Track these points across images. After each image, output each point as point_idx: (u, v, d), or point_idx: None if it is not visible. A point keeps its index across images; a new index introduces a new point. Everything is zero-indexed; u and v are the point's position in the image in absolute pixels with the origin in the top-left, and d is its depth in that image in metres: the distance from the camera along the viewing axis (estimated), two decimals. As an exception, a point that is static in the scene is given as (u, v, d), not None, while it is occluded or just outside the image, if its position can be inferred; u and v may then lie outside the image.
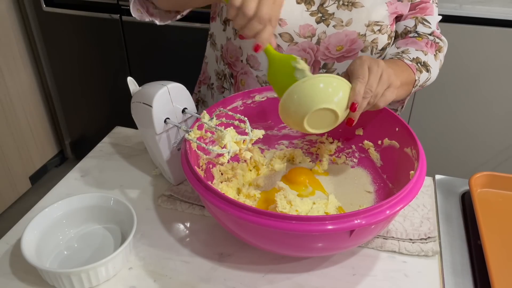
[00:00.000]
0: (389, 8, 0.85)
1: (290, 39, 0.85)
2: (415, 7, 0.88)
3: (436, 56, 0.89)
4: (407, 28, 0.90)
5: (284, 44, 0.86)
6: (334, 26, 0.84)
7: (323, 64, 0.88)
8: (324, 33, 0.84)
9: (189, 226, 0.75)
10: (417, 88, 0.86)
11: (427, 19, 0.89)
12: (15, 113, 1.93)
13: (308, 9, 0.83)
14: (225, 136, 0.65)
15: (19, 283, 0.64)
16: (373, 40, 0.85)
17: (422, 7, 0.89)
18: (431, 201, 0.79)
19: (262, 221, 0.55)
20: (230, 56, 0.94)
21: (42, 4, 1.78)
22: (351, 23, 0.83)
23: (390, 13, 0.85)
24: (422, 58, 0.85)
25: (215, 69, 1.00)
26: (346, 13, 0.83)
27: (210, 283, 0.65)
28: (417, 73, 0.82)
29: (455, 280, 0.66)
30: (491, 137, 1.79)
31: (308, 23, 0.84)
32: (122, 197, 0.79)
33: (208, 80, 1.04)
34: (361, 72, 0.66)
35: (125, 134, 0.98)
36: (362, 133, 0.81)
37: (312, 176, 0.79)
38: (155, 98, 0.70)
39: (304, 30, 0.84)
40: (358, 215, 0.55)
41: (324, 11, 0.83)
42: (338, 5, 0.83)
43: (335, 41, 0.85)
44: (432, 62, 0.87)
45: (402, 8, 0.87)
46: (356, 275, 0.66)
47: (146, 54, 1.81)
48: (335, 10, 0.83)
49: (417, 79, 0.83)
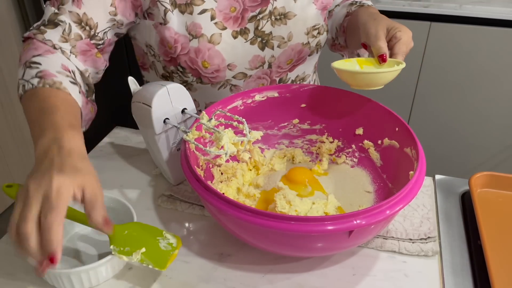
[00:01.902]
0: (317, 5, 0.86)
1: (243, 75, 0.86)
2: None
3: None
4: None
5: (240, 82, 0.86)
6: (279, 45, 0.84)
7: (278, 80, 0.90)
8: (272, 57, 0.85)
9: (189, 226, 0.75)
10: None
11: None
12: (15, 113, 1.93)
13: (246, 39, 0.82)
14: (222, 137, 0.65)
15: (19, 283, 0.64)
16: (316, 43, 0.88)
17: None
18: (431, 201, 0.79)
19: (261, 222, 0.55)
20: None
21: (42, 4, 1.78)
22: (292, 37, 0.84)
23: (319, 10, 0.86)
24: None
25: None
26: (283, 28, 0.83)
27: (210, 283, 0.65)
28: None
29: (455, 280, 0.66)
30: (491, 137, 1.79)
31: (255, 55, 0.84)
32: (122, 197, 0.79)
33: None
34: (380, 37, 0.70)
35: (125, 134, 0.98)
36: (362, 133, 0.81)
37: (311, 176, 0.79)
38: (155, 98, 0.70)
39: (254, 62, 0.85)
40: (358, 215, 0.55)
41: (261, 34, 0.83)
42: (272, 22, 0.83)
43: (284, 58, 0.87)
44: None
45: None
46: (356, 275, 0.66)
47: (146, 54, 1.81)
48: (271, 29, 0.83)
49: None
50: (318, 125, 0.85)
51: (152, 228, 0.65)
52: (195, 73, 0.83)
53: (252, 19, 0.82)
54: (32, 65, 0.67)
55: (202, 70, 0.82)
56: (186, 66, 0.82)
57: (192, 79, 0.85)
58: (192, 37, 0.79)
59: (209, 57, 0.80)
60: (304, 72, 0.94)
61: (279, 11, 0.83)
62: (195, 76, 0.84)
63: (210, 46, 0.79)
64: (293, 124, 0.85)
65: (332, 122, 0.83)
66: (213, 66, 0.81)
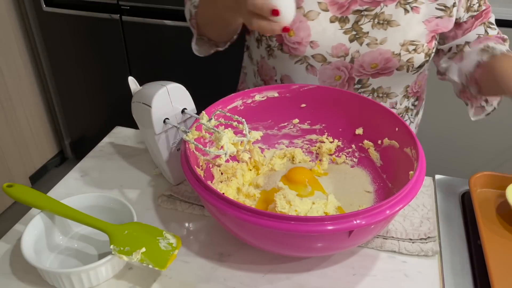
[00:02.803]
0: (427, 26, 0.83)
1: (323, 59, 0.85)
2: (482, 13, 0.87)
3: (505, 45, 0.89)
4: (480, 36, 0.89)
5: (318, 64, 0.85)
6: (368, 44, 0.83)
7: (357, 80, 0.88)
8: (357, 52, 0.84)
9: (189, 226, 0.75)
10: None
11: (491, 22, 0.90)
12: (15, 113, 1.93)
13: (342, 27, 0.83)
14: (222, 137, 0.65)
15: (19, 283, 0.64)
16: (408, 59, 0.84)
17: (487, 11, 0.89)
18: (431, 201, 0.79)
19: (261, 222, 0.55)
20: (264, 74, 0.95)
21: (42, 4, 1.78)
22: (386, 41, 0.83)
23: (429, 31, 0.83)
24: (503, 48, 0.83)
25: (253, 82, 1.01)
26: (381, 32, 0.82)
27: (210, 283, 0.65)
28: None
29: (455, 280, 0.66)
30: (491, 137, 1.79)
31: (341, 43, 0.83)
32: (122, 197, 0.79)
33: None
34: None
35: (125, 134, 0.98)
36: (362, 132, 0.81)
37: (311, 176, 0.79)
38: (154, 98, 0.70)
39: (337, 50, 0.84)
40: (358, 215, 0.55)
41: (358, 29, 0.83)
42: (373, 23, 0.82)
43: (369, 59, 0.84)
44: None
45: (444, 24, 0.84)
46: (356, 275, 0.66)
47: (146, 54, 1.81)
48: (369, 29, 0.83)
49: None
50: (318, 125, 0.85)
51: (152, 228, 0.65)
52: (279, 39, 0.85)
53: (356, 12, 0.82)
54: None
55: (285, 38, 0.84)
56: None
57: (275, 44, 0.86)
58: None
59: (297, 28, 0.82)
60: (390, 88, 0.90)
61: (385, 17, 0.82)
62: (278, 42, 0.86)
63: (303, 19, 0.82)
64: (293, 124, 0.85)
65: (332, 122, 0.83)
66: (297, 37, 0.83)
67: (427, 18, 0.83)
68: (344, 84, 0.88)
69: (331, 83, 0.88)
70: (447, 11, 0.83)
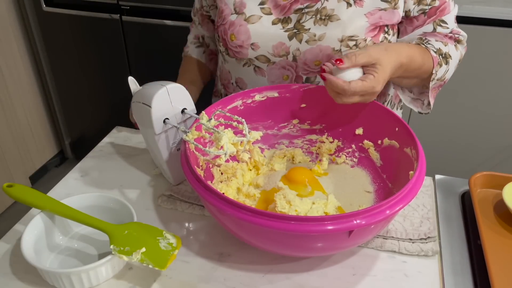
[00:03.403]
0: (370, 19, 0.81)
1: (266, 60, 0.86)
2: (435, 11, 0.84)
3: (456, 47, 0.86)
4: (426, 33, 0.86)
5: (263, 65, 0.87)
6: (307, 41, 0.83)
7: (305, 78, 0.88)
8: (298, 50, 0.84)
9: (189, 226, 0.75)
10: (437, 82, 0.84)
11: (444, 19, 0.86)
12: (15, 113, 1.93)
13: (284, 27, 0.83)
14: (222, 137, 0.65)
15: (19, 283, 0.64)
16: None
17: (442, 9, 0.85)
18: (431, 201, 0.79)
19: (261, 222, 0.55)
20: (224, 78, 0.97)
21: (42, 4, 1.78)
22: (324, 37, 0.82)
23: (370, 24, 0.81)
24: (443, 49, 0.82)
25: (218, 87, 1.04)
26: (321, 28, 0.82)
27: (210, 283, 0.65)
28: (436, 67, 0.80)
29: (455, 280, 0.66)
30: (491, 137, 1.79)
31: (280, 42, 0.84)
32: (122, 197, 0.79)
33: (218, 94, 1.05)
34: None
35: (125, 134, 0.98)
36: (362, 132, 0.81)
37: (311, 176, 0.79)
38: (154, 98, 0.70)
39: (278, 49, 0.85)
40: (358, 215, 0.55)
41: (300, 27, 0.83)
42: (315, 20, 0.82)
43: (311, 57, 0.84)
44: (453, 52, 0.85)
45: (388, 16, 0.82)
46: (356, 275, 0.66)
47: (146, 54, 1.81)
48: (311, 26, 0.83)
49: (434, 73, 0.80)
50: (318, 125, 0.85)
51: (152, 228, 0.65)
52: (224, 44, 0.89)
53: (297, 11, 0.83)
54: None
55: (229, 43, 0.87)
56: (220, 35, 0.89)
57: (223, 48, 0.90)
58: (234, 12, 0.85)
59: (237, 32, 0.85)
60: None
61: (327, 12, 0.82)
62: (223, 47, 0.90)
63: (243, 23, 0.85)
64: (293, 124, 0.85)
65: (332, 122, 0.83)
66: (238, 41, 0.86)
67: (370, 10, 0.81)
68: (292, 83, 0.88)
69: (280, 83, 0.88)
70: (391, 3, 0.81)
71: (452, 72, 0.87)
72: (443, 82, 0.86)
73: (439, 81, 0.84)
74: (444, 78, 0.85)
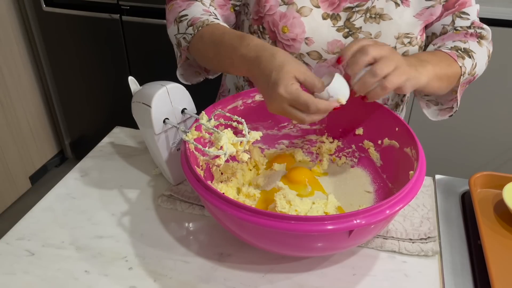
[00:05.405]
0: (420, 18, 0.82)
1: (318, 56, 0.84)
2: (453, 4, 0.83)
3: (480, 43, 0.85)
4: (445, 26, 0.86)
5: (313, 62, 0.84)
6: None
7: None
8: None
9: (189, 226, 0.75)
10: (467, 77, 0.82)
11: (465, 11, 0.84)
12: (15, 113, 1.93)
13: (335, 24, 0.82)
14: (221, 137, 0.65)
15: (19, 283, 0.64)
16: (404, 53, 0.83)
17: (461, 3, 0.84)
18: (431, 201, 0.79)
19: (261, 221, 0.55)
20: None
21: (42, 4, 1.78)
22: (380, 35, 0.81)
23: (422, 21, 0.82)
24: (461, 45, 0.81)
25: (234, 82, 0.99)
26: (374, 26, 0.81)
27: (210, 283, 0.65)
28: (459, 59, 0.78)
29: (455, 280, 0.66)
30: (491, 137, 1.79)
31: (335, 39, 0.82)
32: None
33: (227, 93, 1.03)
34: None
35: (125, 134, 0.98)
36: (362, 132, 0.81)
37: (311, 176, 0.79)
38: (154, 98, 0.70)
39: (333, 46, 0.83)
40: (358, 215, 0.55)
41: (350, 26, 0.82)
42: (365, 18, 0.81)
43: None
44: (476, 48, 0.83)
45: (437, 11, 0.83)
46: (356, 275, 0.66)
47: (146, 54, 1.81)
48: (362, 24, 0.82)
49: (462, 66, 0.78)
50: (318, 125, 0.85)
51: None
52: (272, 36, 0.84)
53: (347, 9, 0.82)
54: (182, 19, 0.80)
55: (279, 35, 0.82)
56: (267, 26, 0.83)
57: (268, 41, 0.85)
58: (283, 3, 0.81)
59: (291, 24, 0.81)
60: None
61: (376, 11, 0.81)
62: (271, 39, 0.84)
63: (296, 15, 0.80)
64: (293, 124, 0.85)
65: (332, 122, 0.83)
66: (292, 34, 0.81)
67: (418, 11, 0.82)
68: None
69: None
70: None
71: (483, 69, 0.86)
72: (472, 78, 0.84)
73: (469, 76, 0.82)
74: (474, 73, 0.83)
